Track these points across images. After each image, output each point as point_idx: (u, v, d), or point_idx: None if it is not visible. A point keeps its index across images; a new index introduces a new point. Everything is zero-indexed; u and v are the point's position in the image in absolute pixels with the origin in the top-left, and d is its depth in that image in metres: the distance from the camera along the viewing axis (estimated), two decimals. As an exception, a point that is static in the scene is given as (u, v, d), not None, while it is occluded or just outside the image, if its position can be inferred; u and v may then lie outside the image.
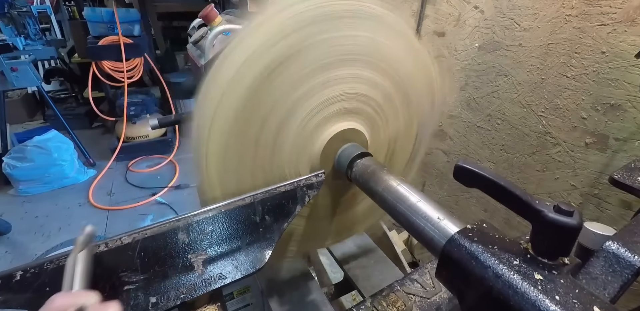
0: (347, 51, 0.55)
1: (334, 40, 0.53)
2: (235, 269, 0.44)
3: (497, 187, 0.32)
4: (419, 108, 0.69)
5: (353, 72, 0.56)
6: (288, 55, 0.50)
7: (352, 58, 0.56)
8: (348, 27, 0.54)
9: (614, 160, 0.99)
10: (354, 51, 0.56)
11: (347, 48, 0.55)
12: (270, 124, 0.52)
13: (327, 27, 0.52)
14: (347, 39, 0.54)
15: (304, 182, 0.49)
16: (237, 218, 0.44)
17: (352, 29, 0.54)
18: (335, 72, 0.55)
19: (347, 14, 0.53)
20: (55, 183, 2.60)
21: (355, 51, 0.56)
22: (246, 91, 0.49)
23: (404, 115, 0.67)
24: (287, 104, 0.53)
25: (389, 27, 0.59)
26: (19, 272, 0.31)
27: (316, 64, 0.53)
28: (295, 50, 0.50)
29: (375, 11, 0.56)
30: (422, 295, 0.66)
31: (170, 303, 0.39)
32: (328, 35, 0.52)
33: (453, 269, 0.35)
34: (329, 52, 0.53)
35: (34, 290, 0.32)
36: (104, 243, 0.35)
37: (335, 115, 0.56)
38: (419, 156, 0.78)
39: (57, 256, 0.33)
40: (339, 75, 0.55)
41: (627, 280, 0.38)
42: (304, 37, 0.50)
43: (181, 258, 0.41)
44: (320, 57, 0.53)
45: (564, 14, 1.03)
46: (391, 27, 0.59)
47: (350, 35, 0.55)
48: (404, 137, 0.70)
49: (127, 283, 0.37)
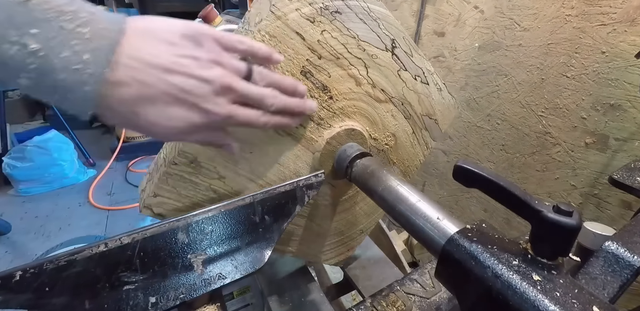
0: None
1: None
2: (234, 269, 0.44)
3: (496, 187, 0.32)
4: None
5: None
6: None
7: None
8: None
9: (614, 160, 0.99)
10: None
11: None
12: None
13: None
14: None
15: (303, 182, 0.49)
16: (236, 218, 0.44)
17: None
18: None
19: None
20: (55, 183, 2.60)
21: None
22: None
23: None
24: None
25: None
26: (19, 272, 0.31)
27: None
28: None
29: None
30: (421, 295, 0.66)
31: (170, 303, 0.39)
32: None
33: (452, 269, 0.35)
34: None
35: (34, 290, 0.32)
36: (104, 243, 0.35)
37: (336, 115, 0.56)
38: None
39: (57, 257, 0.33)
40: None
41: (627, 280, 0.38)
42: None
43: (181, 258, 0.41)
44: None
45: (564, 14, 1.03)
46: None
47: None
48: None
49: (126, 283, 0.37)
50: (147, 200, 0.47)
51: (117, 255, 0.36)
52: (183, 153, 0.45)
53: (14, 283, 0.31)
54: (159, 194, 0.47)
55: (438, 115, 0.71)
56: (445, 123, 0.74)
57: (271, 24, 0.44)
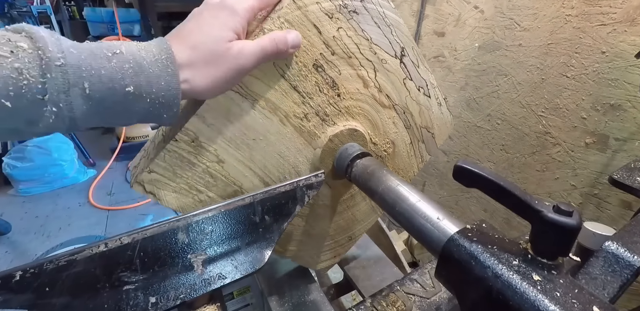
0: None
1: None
2: (235, 269, 0.44)
3: (496, 187, 0.32)
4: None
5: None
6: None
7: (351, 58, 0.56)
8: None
9: (614, 160, 0.99)
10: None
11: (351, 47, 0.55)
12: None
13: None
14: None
15: (303, 182, 0.49)
16: (236, 218, 0.44)
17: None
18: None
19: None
20: (55, 183, 2.60)
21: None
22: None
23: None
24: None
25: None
26: (19, 272, 0.31)
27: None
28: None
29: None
30: (421, 295, 0.66)
31: (170, 303, 0.39)
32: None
33: (452, 269, 0.35)
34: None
35: (34, 290, 0.32)
36: (104, 243, 0.35)
37: (341, 113, 0.56)
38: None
39: (57, 257, 0.33)
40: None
41: (627, 280, 0.38)
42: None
43: (181, 258, 0.41)
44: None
45: (564, 14, 1.03)
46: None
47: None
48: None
49: (126, 283, 0.37)
50: (140, 175, 0.46)
51: (117, 255, 0.36)
52: (185, 131, 0.45)
53: (14, 283, 0.31)
54: (153, 170, 0.45)
55: (435, 129, 0.72)
56: (441, 138, 0.74)
57: (291, 13, 0.45)
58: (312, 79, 0.51)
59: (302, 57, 0.48)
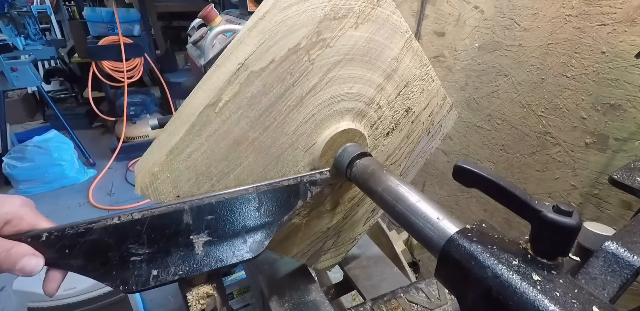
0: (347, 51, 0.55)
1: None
2: (232, 254, 0.46)
3: (496, 187, 0.32)
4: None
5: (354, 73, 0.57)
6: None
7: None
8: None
9: (614, 160, 0.99)
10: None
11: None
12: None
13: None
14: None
15: (307, 178, 0.50)
16: (238, 207, 0.46)
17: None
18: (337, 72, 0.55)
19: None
20: (55, 183, 2.60)
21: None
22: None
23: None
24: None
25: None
26: (45, 233, 0.37)
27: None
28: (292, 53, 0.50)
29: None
30: (425, 305, 0.65)
31: (169, 278, 0.43)
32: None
33: (452, 269, 0.35)
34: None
35: (57, 251, 0.38)
36: (117, 216, 0.40)
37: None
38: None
39: (78, 224, 0.38)
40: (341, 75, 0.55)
41: (627, 280, 0.38)
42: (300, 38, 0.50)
43: (183, 238, 0.44)
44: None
45: (564, 14, 1.03)
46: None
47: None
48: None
49: (133, 254, 0.41)
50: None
51: (128, 229, 0.40)
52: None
53: (40, 243, 0.37)
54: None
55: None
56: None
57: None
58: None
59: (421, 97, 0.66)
